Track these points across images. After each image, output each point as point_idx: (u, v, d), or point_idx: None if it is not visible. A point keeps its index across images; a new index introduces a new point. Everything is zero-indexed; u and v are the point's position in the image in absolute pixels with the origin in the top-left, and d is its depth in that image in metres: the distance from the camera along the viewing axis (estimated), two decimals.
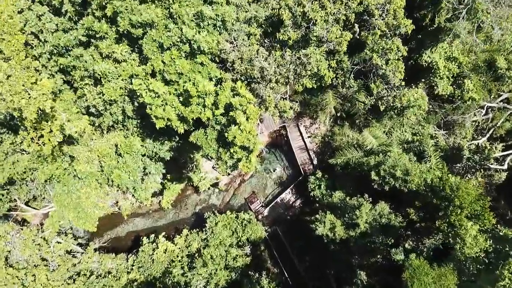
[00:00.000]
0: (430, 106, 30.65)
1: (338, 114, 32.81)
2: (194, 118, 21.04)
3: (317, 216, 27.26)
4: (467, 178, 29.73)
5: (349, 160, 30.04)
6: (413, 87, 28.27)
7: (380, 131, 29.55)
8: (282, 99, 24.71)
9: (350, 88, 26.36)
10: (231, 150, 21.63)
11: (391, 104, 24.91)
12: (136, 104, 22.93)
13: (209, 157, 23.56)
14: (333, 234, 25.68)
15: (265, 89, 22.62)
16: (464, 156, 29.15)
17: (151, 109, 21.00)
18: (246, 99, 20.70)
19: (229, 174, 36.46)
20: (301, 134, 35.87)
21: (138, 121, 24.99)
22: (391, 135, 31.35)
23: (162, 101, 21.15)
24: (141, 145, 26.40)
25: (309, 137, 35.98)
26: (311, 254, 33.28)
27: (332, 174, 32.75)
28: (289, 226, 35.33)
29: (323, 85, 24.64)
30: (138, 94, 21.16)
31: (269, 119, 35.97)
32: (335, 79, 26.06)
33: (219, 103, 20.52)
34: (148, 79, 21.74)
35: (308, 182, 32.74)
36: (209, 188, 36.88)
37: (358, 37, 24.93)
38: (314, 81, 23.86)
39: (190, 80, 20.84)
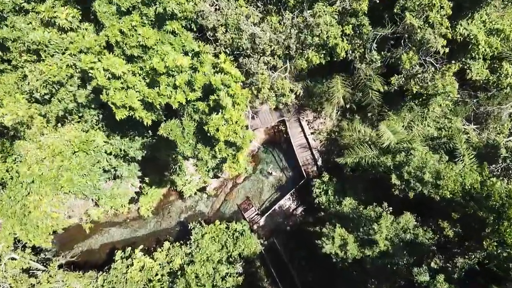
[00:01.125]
0: (459, 95, 25.49)
1: (348, 106, 27.62)
2: (163, 105, 15.82)
3: (323, 229, 22.04)
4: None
5: (361, 160, 24.81)
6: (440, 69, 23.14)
7: (398, 125, 24.32)
8: (280, 79, 19.38)
9: (372, 64, 20.94)
10: (214, 147, 16.44)
11: (427, 84, 19.59)
12: (90, 88, 17.75)
13: (186, 156, 18.32)
14: (344, 253, 20.44)
15: (257, 64, 17.37)
16: (501, 156, 23.89)
17: (107, 94, 15.82)
18: (232, 77, 15.51)
19: (218, 177, 31.21)
20: (303, 130, 30.66)
21: (98, 111, 19.81)
22: (411, 130, 26.17)
23: (122, 84, 15.95)
24: (104, 142, 21.17)
25: (312, 133, 30.76)
26: (315, 272, 28.04)
27: (341, 177, 27.54)
28: (289, 238, 30.09)
29: (335, 59, 19.23)
30: (90, 74, 15.94)
31: (265, 112, 30.78)
32: (350, 51, 20.50)
33: (195, 83, 15.33)
34: (105, 54, 16.53)
35: (311, 187, 27.52)
36: (195, 193, 31.64)
37: None
38: (323, 55, 18.54)
39: (158, 53, 15.64)
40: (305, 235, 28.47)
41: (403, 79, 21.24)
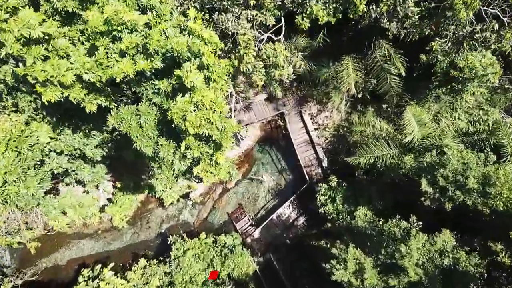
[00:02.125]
0: (498, 81, 20.69)
1: (359, 95, 22.81)
2: (104, 80, 10.98)
3: (333, 249, 17.23)
4: None
5: (377, 160, 20.00)
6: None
7: (426, 115, 19.49)
8: (270, 42, 14.03)
9: (407, 20, 15.81)
10: (183, 143, 11.64)
11: (487, 43, 14.53)
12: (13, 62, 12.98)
13: (149, 156, 13.50)
14: (360, 282, 15.61)
15: (237, 21, 12.39)
16: None
17: (24, 65, 11.04)
18: (206, 43, 10.71)
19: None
20: (305, 125, 25.85)
21: (36, 96, 15.01)
22: (438, 124, 21.37)
23: (50, 51, 11.15)
24: (51, 138, 16.36)
25: (316, 129, 25.95)
26: None
27: (351, 181, 22.74)
28: (289, 253, 25.29)
29: (350, 16, 14.10)
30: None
31: (260, 104, 26.02)
32: (374, 4, 15.13)
33: (149, 46, 10.55)
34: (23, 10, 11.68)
35: (316, 193, 22.70)
36: (178, 201, 26.87)
37: None
38: (333, 9, 13.40)
39: (97, 5, 10.82)
40: (308, 251, 23.70)
41: (450, 45, 16.19)
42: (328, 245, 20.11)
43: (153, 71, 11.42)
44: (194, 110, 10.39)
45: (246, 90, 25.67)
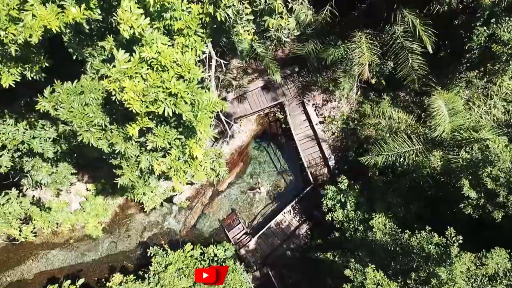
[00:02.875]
0: None
1: (373, 81, 19.23)
2: (23, 40, 7.33)
3: (346, 270, 13.60)
4: None
5: (398, 159, 16.41)
6: None
7: (459, 103, 15.87)
8: None
9: None
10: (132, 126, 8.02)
11: None
12: None
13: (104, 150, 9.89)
14: None
15: None
16: None
17: None
18: None
19: (192, 182, 22.73)
20: (308, 117, 22.27)
21: None
22: (469, 113, 17.80)
23: None
24: None
25: (321, 122, 22.38)
26: None
27: (363, 182, 19.16)
28: (290, 268, 21.67)
29: None
30: None
31: (256, 94, 22.48)
32: None
33: None
34: None
35: (322, 197, 19.12)
36: (162, 205, 23.30)
37: None
38: None
39: None
40: (312, 265, 20.14)
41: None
42: (336, 258, 16.58)
43: (93, 26, 7.83)
44: (146, 75, 6.83)
45: (240, 77, 22.14)
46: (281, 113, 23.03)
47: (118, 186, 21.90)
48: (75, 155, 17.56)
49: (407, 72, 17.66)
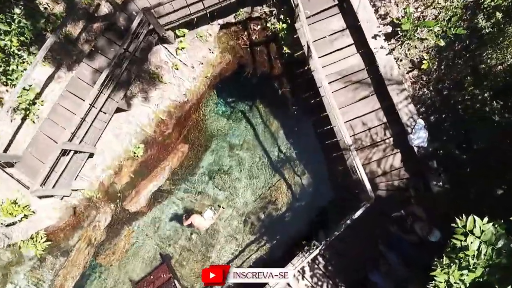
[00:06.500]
0: None
1: None
2: None
3: None
4: None
5: None
6: None
7: None
8: None
9: None
10: None
11: None
12: None
13: None
14: None
15: None
16: None
17: None
18: None
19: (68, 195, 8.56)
20: (351, 22, 8.35)
21: None
22: None
23: None
24: None
25: (387, 35, 8.36)
26: None
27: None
28: None
29: None
30: None
31: None
32: None
33: None
34: None
35: (391, 226, 5.47)
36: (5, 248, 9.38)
37: None
38: None
39: None
40: None
41: None
42: None
43: None
44: None
45: None
46: (281, 17, 9.05)
47: None
48: None
49: None
